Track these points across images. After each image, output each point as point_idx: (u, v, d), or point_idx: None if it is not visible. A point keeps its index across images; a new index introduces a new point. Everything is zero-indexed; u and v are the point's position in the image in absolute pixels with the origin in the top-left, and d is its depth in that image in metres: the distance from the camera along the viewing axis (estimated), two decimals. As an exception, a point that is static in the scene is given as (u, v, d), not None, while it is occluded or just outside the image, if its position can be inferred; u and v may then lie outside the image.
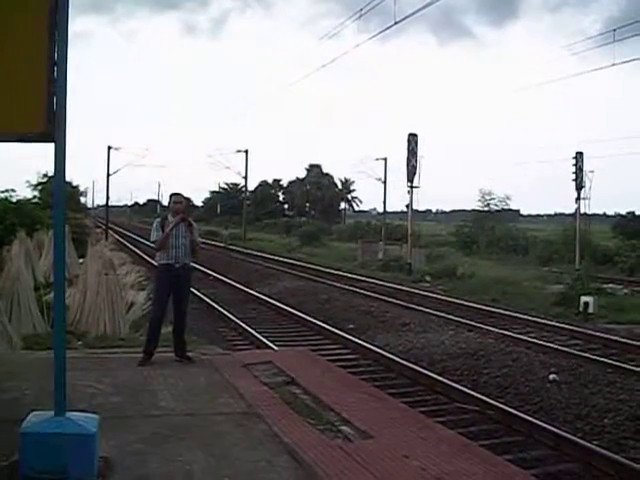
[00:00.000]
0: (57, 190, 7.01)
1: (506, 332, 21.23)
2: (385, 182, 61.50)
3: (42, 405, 7.14)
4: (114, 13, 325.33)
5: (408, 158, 47.39)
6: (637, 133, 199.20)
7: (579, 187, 49.91)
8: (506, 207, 73.92)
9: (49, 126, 6.53)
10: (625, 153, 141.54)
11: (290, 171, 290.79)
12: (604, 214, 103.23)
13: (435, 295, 31.68)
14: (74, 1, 6.82)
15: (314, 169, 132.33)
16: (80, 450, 6.60)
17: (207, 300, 26.94)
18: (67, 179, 7.34)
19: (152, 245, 13.09)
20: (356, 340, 19.19)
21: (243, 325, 21.30)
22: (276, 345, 17.88)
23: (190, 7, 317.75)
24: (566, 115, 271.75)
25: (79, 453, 6.58)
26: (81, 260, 25.99)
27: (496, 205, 72.40)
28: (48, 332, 15.03)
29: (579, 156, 49.86)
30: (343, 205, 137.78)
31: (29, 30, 6.62)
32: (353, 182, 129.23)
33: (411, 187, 47.73)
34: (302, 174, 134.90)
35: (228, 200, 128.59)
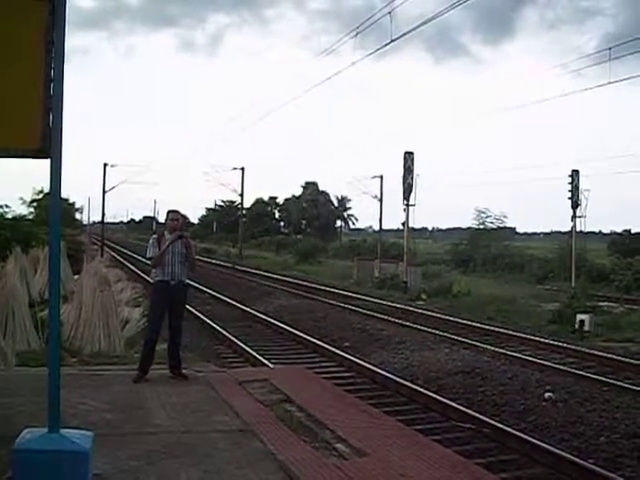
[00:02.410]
0: (53, 206, 7.01)
1: (502, 350, 21.21)
2: (381, 200, 61.53)
3: (36, 422, 7.11)
4: (112, 29, 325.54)
5: (404, 176, 47.40)
6: (633, 151, 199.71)
7: (575, 205, 49.90)
8: (502, 225, 74.18)
9: (45, 142, 6.53)
10: (621, 171, 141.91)
11: (286, 189, 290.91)
12: (600, 232, 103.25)
13: (431, 313, 31.62)
14: (71, 17, 6.83)
15: (310, 187, 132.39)
16: (74, 467, 6.56)
17: (202, 317, 26.87)
18: (63, 195, 7.35)
19: (148, 262, 13.08)
20: (352, 358, 19.14)
21: (238, 342, 21.23)
22: (272, 363, 17.83)
23: (187, 24, 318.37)
24: (562, 133, 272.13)
25: (73, 470, 6.55)
26: (76, 277, 25.95)
27: (492, 223, 72.64)
28: (43, 349, 15.00)
29: (575, 174, 49.88)
30: (339, 223, 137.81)
31: (25, 47, 6.63)
32: (349, 200, 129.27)
33: (407, 205, 47.70)
34: (298, 192, 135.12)
35: (224, 217, 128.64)
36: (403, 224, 50.02)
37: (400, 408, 14.20)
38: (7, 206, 37.87)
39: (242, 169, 73.91)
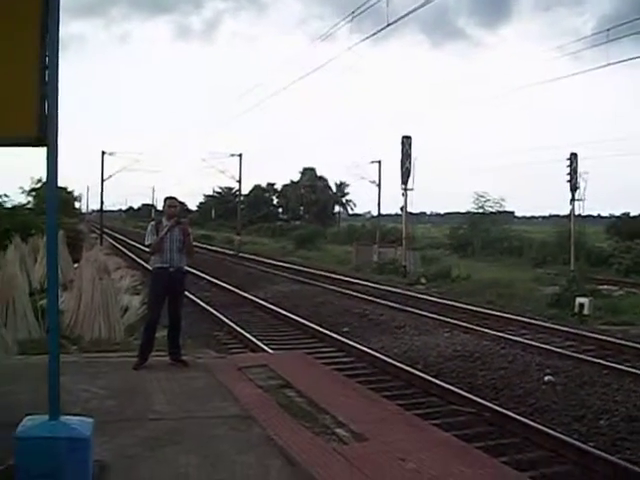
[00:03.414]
0: (50, 195, 7.01)
1: (501, 334, 21.22)
2: (379, 185, 61.40)
3: (37, 409, 7.12)
4: (108, 16, 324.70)
5: (402, 160, 47.34)
6: (632, 134, 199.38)
7: (573, 188, 49.78)
8: (500, 209, 73.90)
9: (41, 130, 6.52)
10: (620, 154, 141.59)
11: (284, 174, 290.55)
12: (598, 215, 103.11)
13: (430, 297, 31.64)
14: (67, 4, 6.83)
15: (308, 172, 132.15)
16: (75, 454, 6.58)
17: (202, 304, 26.89)
18: (61, 184, 7.36)
19: (147, 249, 13.07)
20: (351, 343, 19.15)
21: (238, 328, 21.25)
22: (271, 348, 17.85)
23: (184, 9, 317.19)
24: (560, 116, 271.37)
25: (74, 457, 6.56)
26: (76, 265, 25.96)
27: (490, 207, 72.40)
28: (43, 337, 15.00)
29: (573, 157, 49.77)
30: (337, 208, 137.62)
31: (20, 34, 6.61)
32: (347, 185, 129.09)
33: (405, 189, 47.66)
34: (296, 177, 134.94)
35: (222, 204, 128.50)
36: (402, 209, 49.99)
37: (400, 392, 14.22)
38: (6, 195, 37.90)
39: (240, 155, 73.62)
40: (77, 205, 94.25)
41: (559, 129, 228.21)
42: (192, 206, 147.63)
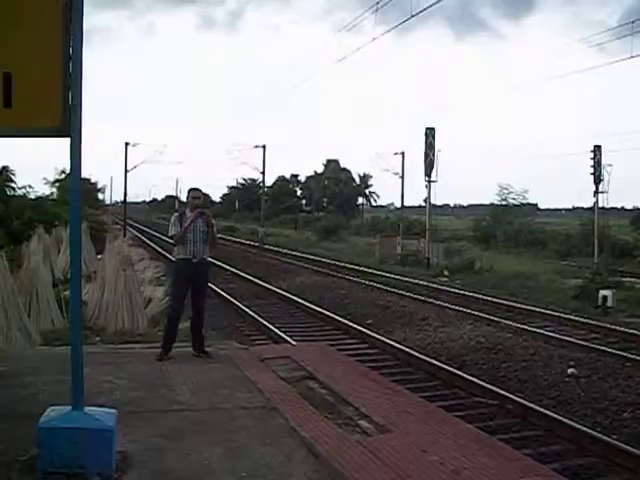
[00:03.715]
0: (73, 184, 7.02)
1: (525, 326, 21.16)
2: (403, 177, 61.27)
3: (60, 400, 7.15)
4: (132, 8, 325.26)
5: (426, 152, 47.22)
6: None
7: (597, 181, 49.60)
8: (524, 201, 73.49)
9: (65, 120, 6.54)
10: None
11: (308, 166, 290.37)
12: (622, 208, 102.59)
13: (453, 289, 31.60)
14: (90, -4, 6.83)
15: (332, 164, 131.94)
16: (98, 445, 6.62)
17: (225, 295, 26.95)
18: (85, 175, 7.38)
19: (170, 240, 13.09)
20: (374, 335, 19.16)
21: (261, 320, 21.27)
22: (294, 340, 17.83)
23: (207, 0, 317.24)
24: (584, 108, 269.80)
25: (97, 448, 6.60)
26: (99, 256, 26.06)
27: (514, 199, 71.97)
28: (67, 328, 15.03)
29: (597, 149, 49.58)
30: (361, 200, 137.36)
31: (44, 25, 6.63)
32: (371, 177, 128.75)
33: (429, 181, 47.55)
34: (320, 169, 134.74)
35: (246, 196, 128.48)
36: (425, 201, 49.90)
37: (423, 384, 14.22)
38: (30, 187, 38.04)
39: (264, 147, 73.62)
40: (100, 197, 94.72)
41: (583, 121, 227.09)
42: (216, 197, 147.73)
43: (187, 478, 7.08)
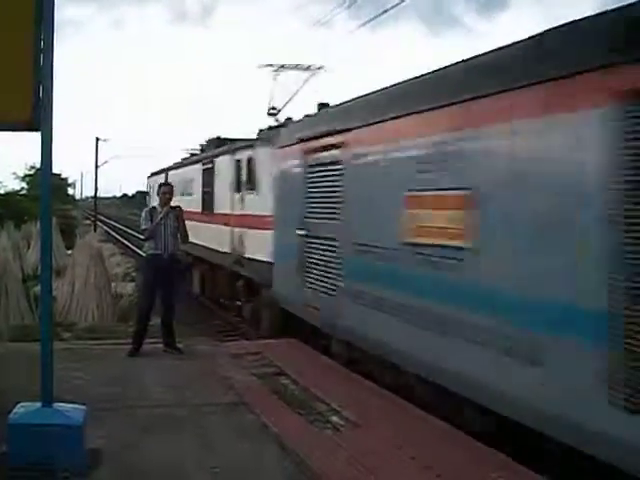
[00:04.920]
0: (44, 179, 6.98)
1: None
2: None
3: (29, 396, 7.10)
4: (101, 1, 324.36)
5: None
6: None
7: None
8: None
9: (35, 115, 6.48)
10: None
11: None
12: None
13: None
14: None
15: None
16: (68, 441, 6.58)
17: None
18: (55, 171, 7.33)
19: (141, 234, 13.05)
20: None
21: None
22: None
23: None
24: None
25: (67, 444, 6.56)
26: (69, 251, 25.91)
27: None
28: (36, 324, 14.97)
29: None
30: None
31: (15, 18, 6.57)
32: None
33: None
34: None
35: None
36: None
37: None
38: None
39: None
40: (71, 192, 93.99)
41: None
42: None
43: (158, 474, 7.06)
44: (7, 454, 6.57)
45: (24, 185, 53.50)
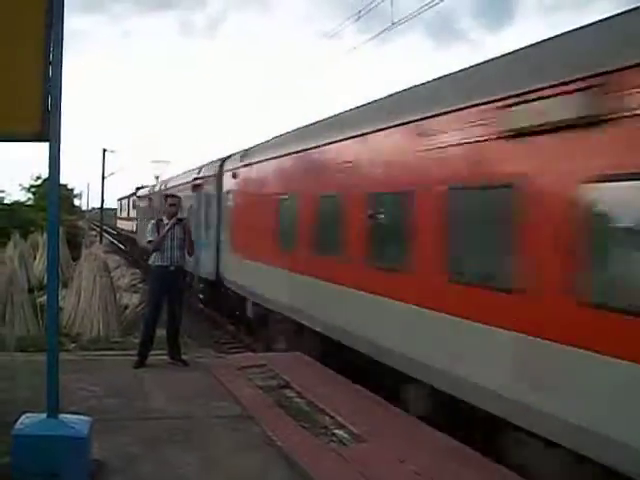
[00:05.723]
0: (51, 189, 6.97)
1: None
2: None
3: (35, 407, 7.09)
4: (111, 12, 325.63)
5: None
6: None
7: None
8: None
9: (44, 125, 6.49)
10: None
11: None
12: None
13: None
14: (70, 1, 6.79)
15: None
16: (72, 452, 6.56)
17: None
18: (62, 181, 7.31)
19: (147, 246, 13.04)
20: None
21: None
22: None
23: (187, 5, 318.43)
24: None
25: (71, 455, 6.54)
26: (75, 262, 25.89)
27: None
28: (42, 334, 14.95)
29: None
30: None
31: (25, 30, 6.58)
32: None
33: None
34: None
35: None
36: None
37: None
38: (2, 191, 37.79)
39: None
40: (77, 202, 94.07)
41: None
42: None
43: (162, 487, 7.05)
44: (12, 465, 6.55)
45: (30, 196, 53.58)
